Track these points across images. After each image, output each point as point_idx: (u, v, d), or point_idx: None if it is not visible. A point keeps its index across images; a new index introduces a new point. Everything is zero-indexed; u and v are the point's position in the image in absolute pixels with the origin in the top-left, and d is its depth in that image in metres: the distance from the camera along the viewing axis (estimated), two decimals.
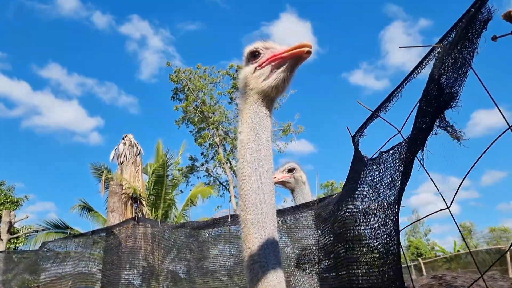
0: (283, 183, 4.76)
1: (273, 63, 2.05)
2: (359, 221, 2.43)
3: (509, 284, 2.84)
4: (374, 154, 2.41)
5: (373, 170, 2.26)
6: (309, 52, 1.97)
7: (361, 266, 2.36)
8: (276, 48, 2.10)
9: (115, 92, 61.12)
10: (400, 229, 2.08)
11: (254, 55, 2.15)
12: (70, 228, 18.60)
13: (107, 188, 16.49)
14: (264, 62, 2.08)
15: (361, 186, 2.39)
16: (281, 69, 2.04)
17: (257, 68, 2.10)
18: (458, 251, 34.02)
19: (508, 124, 1.58)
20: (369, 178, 2.30)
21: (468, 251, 27.56)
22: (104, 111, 62.09)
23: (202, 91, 28.33)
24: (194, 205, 20.78)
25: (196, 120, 28.91)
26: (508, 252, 19.52)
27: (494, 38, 1.56)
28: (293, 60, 2.02)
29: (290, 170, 4.71)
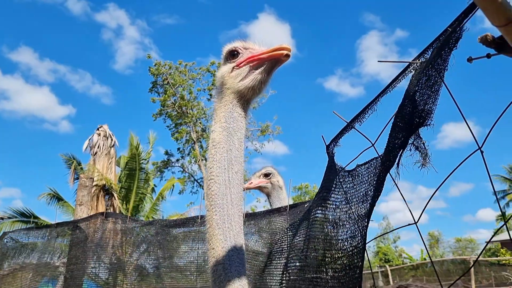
0: (259, 188, 4.71)
1: (251, 64, 2.03)
2: (327, 231, 2.42)
3: None
4: (348, 165, 2.41)
5: (348, 182, 2.25)
6: (287, 56, 1.95)
7: (325, 276, 2.35)
8: (255, 49, 2.08)
9: (89, 81, 59.96)
10: (370, 240, 2.09)
11: (232, 54, 2.11)
12: (37, 217, 18.15)
13: (77, 179, 16.15)
14: (242, 62, 2.05)
15: (334, 196, 2.38)
16: (259, 70, 2.01)
17: (235, 67, 2.07)
18: (425, 259, 34.80)
19: (478, 145, 1.59)
20: (343, 190, 2.29)
21: (434, 259, 28.20)
22: (76, 99, 60.79)
23: (181, 86, 28.04)
24: (163, 199, 20.62)
25: (173, 115, 28.61)
26: (472, 262, 20.12)
27: (470, 60, 1.57)
28: (271, 62, 2.00)
29: (267, 175, 4.66)
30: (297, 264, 2.93)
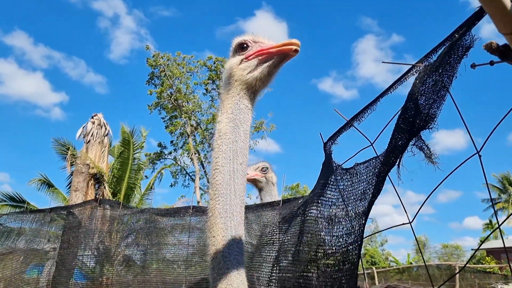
0: (254, 181, 4.80)
1: (260, 57, 2.08)
2: (321, 227, 2.46)
3: None
4: (344, 162, 2.45)
5: (346, 179, 2.29)
6: (296, 51, 2.01)
7: (318, 271, 2.39)
8: (265, 43, 2.13)
9: (83, 69, 59.37)
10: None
11: (242, 47, 2.16)
12: (27, 202, 18.02)
13: (72, 165, 16.05)
14: (251, 55, 2.10)
15: (331, 193, 2.42)
16: (267, 64, 2.06)
17: (244, 60, 2.12)
18: (411, 263, 35.10)
19: (476, 149, 1.63)
20: (341, 187, 2.33)
21: (421, 264, 28.47)
22: (70, 87, 60.14)
23: (178, 78, 27.90)
24: (152, 188, 20.62)
25: (169, 107, 28.48)
26: (458, 268, 20.31)
27: (473, 66, 1.61)
28: (279, 57, 2.06)
29: (263, 169, 4.77)
30: (289, 258, 2.96)
